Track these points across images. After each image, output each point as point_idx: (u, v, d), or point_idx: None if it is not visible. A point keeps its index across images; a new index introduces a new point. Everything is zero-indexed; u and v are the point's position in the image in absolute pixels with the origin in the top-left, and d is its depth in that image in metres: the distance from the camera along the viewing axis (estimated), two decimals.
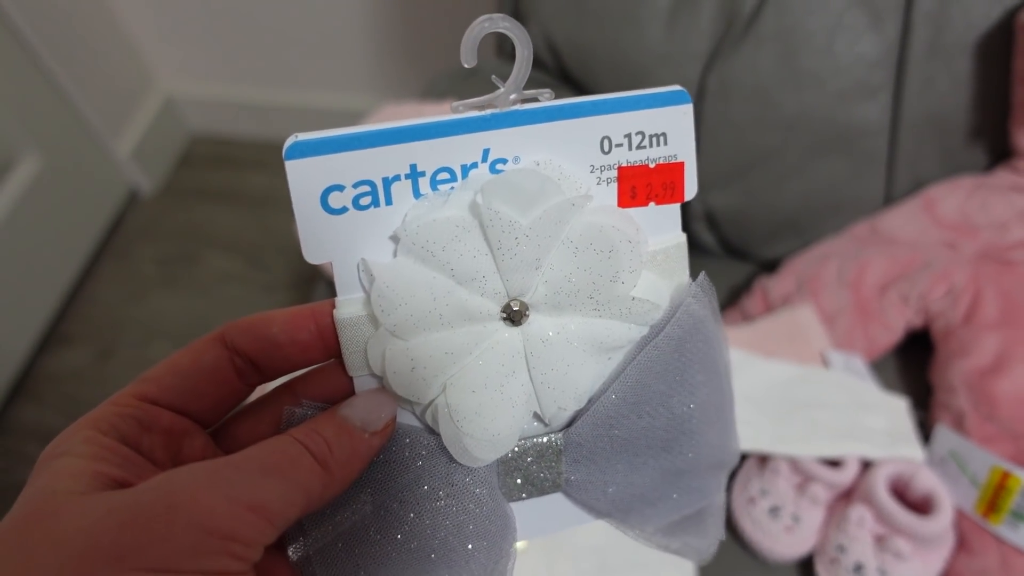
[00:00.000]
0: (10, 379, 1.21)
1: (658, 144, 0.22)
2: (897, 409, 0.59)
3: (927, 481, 0.54)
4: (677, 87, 0.22)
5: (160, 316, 1.32)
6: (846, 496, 0.57)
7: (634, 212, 0.23)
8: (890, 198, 0.72)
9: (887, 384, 0.64)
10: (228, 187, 1.48)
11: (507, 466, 0.23)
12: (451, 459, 0.22)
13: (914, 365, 0.66)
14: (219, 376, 0.22)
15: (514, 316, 0.21)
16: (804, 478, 0.56)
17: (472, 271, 0.21)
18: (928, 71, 0.66)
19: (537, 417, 0.23)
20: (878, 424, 0.58)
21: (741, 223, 0.76)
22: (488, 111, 0.21)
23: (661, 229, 0.23)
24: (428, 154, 0.21)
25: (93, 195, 1.37)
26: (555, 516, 0.24)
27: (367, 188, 0.20)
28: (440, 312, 0.21)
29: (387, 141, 0.20)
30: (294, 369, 0.22)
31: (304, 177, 0.20)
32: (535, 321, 0.22)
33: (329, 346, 0.22)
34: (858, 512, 0.53)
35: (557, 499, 0.24)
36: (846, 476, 0.55)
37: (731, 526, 0.58)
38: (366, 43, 1.29)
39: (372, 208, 0.20)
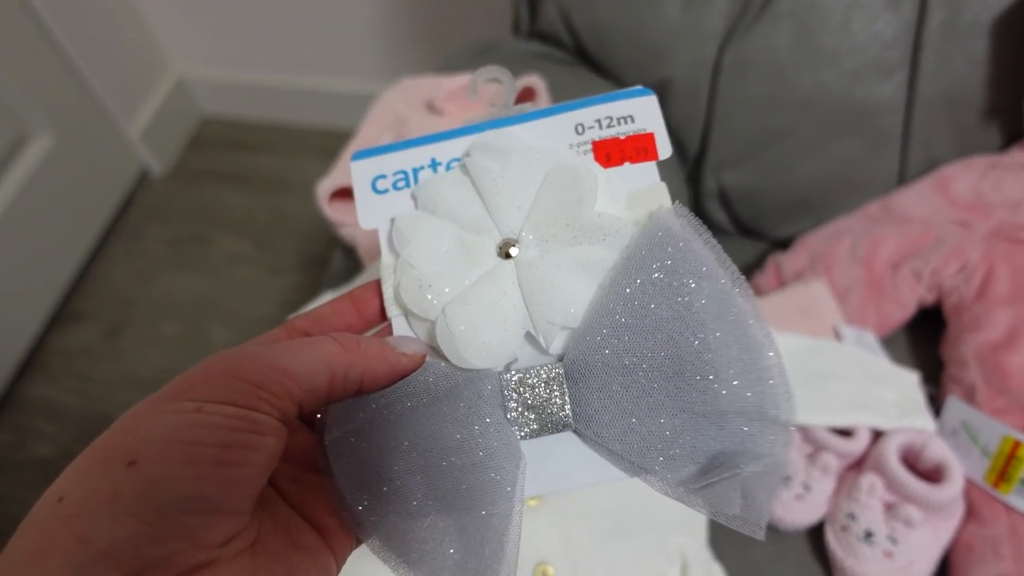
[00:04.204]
0: (21, 355, 1.22)
1: (626, 123, 0.26)
2: (908, 382, 0.60)
3: (938, 450, 0.54)
4: (640, 86, 0.27)
5: (169, 296, 1.33)
6: (857, 466, 0.57)
7: (612, 171, 0.26)
8: (904, 177, 0.72)
9: (898, 360, 0.64)
10: (238, 169, 1.49)
11: (512, 393, 0.24)
12: (457, 382, 0.24)
13: (925, 341, 0.66)
14: None
15: (506, 250, 0.26)
16: (815, 447, 0.57)
17: (469, 214, 0.26)
18: (944, 51, 0.67)
19: (534, 342, 0.25)
20: (889, 395, 0.58)
21: (754, 202, 0.77)
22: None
23: (638, 181, 0.26)
24: (444, 151, 0.27)
25: (104, 174, 1.38)
26: (571, 466, 0.24)
27: (401, 176, 0.27)
28: (445, 248, 0.26)
29: (415, 145, 0.27)
30: None
31: (362, 172, 0.27)
32: (524, 253, 0.26)
33: (366, 318, 0.27)
34: (869, 480, 0.54)
35: (571, 443, 0.24)
36: (857, 446, 0.56)
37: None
38: (377, 26, 1.30)
39: (405, 188, 0.27)
